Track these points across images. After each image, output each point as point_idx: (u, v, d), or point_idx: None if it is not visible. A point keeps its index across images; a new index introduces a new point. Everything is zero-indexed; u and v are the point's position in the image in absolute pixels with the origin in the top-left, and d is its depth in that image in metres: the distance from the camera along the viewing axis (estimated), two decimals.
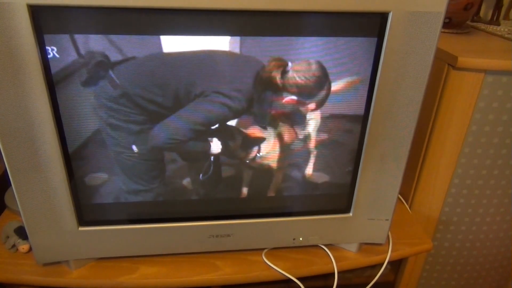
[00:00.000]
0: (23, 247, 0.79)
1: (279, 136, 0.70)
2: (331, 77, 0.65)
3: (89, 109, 0.63)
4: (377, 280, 0.88)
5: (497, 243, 1.07)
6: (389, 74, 0.65)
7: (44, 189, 0.67)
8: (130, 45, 0.59)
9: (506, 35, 1.01)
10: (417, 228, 0.93)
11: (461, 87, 0.84)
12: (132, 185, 0.71)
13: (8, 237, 0.80)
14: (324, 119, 0.69)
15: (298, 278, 0.80)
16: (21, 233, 0.79)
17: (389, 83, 0.66)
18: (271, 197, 0.77)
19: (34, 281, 0.76)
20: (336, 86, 0.66)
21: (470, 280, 1.13)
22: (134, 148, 0.67)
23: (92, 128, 0.65)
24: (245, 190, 0.75)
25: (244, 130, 0.69)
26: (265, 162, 0.72)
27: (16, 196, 0.67)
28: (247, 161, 0.72)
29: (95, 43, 0.58)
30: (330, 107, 0.68)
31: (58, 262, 0.78)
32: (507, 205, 1.01)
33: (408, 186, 1.01)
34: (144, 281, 0.77)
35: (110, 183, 0.70)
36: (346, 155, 0.74)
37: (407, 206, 1.01)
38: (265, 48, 0.62)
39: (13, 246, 0.79)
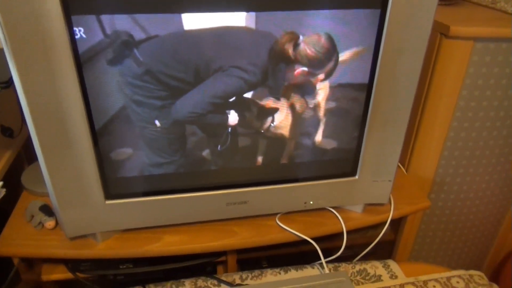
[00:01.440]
0: (50, 223, 0.82)
1: (291, 107, 0.75)
2: (338, 48, 0.70)
3: (114, 86, 0.66)
4: (379, 239, 0.96)
5: (486, 201, 1.16)
6: (392, 43, 0.70)
7: (74, 165, 0.70)
8: (154, 24, 0.62)
9: (490, 5, 1.07)
10: (414, 189, 1.00)
11: (453, 55, 0.90)
12: (155, 158, 0.75)
13: (33, 216, 0.83)
14: (333, 89, 0.74)
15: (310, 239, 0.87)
16: (46, 210, 0.83)
17: (392, 52, 0.71)
18: (283, 164, 0.82)
19: (65, 254, 0.80)
20: (343, 56, 0.71)
21: (461, 236, 1.22)
22: (157, 122, 0.71)
23: (117, 105, 0.68)
24: (260, 159, 0.80)
25: (259, 102, 0.73)
26: (279, 131, 0.77)
27: (45, 174, 0.70)
28: (262, 131, 0.77)
29: (120, 22, 0.61)
30: (338, 77, 0.73)
31: (84, 236, 0.82)
32: (495, 164, 1.09)
33: (404, 151, 1.08)
34: (168, 248, 0.82)
35: (134, 157, 0.74)
36: (353, 122, 0.79)
37: (403, 169, 1.09)
38: (279, 22, 0.66)
39: (39, 223, 0.83)
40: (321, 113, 0.77)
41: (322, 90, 0.74)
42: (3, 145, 0.97)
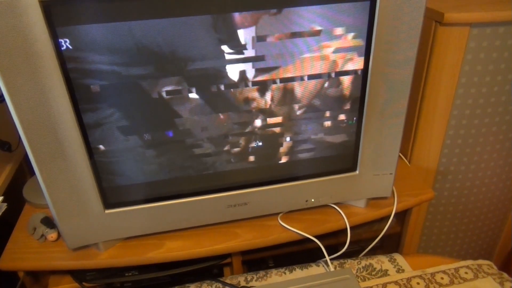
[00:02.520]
0: (52, 235, 0.83)
1: (285, 102, 0.74)
2: (332, 38, 0.69)
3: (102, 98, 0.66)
4: (384, 232, 0.95)
5: (493, 187, 1.14)
6: (384, 34, 0.69)
7: (70, 177, 0.70)
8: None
9: None
10: (418, 180, 0.99)
11: (449, 42, 0.88)
12: (148, 167, 0.74)
13: (35, 228, 0.84)
14: (326, 81, 0.73)
15: (314, 237, 0.86)
16: (48, 222, 0.83)
17: (384, 43, 0.70)
18: (282, 163, 0.81)
19: (68, 265, 0.80)
20: (336, 45, 0.70)
21: (469, 224, 1.20)
22: (147, 136, 0.71)
23: (108, 116, 0.68)
24: (257, 159, 0.79)
25: (250, 97, 0.72)
26: (273, 129, 0.76)
27: (43, 187, 0.70)
28: (256, 130, 0.76)
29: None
30: (331, 69, 0.72)
31: (87, 246, 0.82)
32: (499, 150, 1.07)
33: (406, 143, 1.07)
34: (171, 254, 0.82)
35: (129, 166, 0.74)
36: (349, 115, 0.78)
37: (406, 161, 1.07)
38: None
39: (42, 236, 0.83)
40: (316, 108, 0.76)
41: (317, 82, 0.73)
42: (2, 159, 0.97)
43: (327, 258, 0.86)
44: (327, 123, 0.78)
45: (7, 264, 0.79)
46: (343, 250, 0.88)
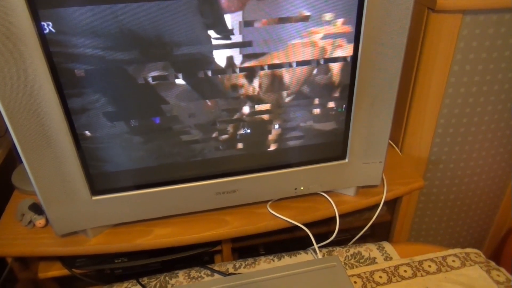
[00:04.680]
0: (40, 222, 0.82)
1: (273, 89, 0.73)
2: (321, 24, 0.68)
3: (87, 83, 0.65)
4: (375, 221, 0.95)
5: (484, 177, 1.14)
6: (373, 19, 0.68)
7: (56, 164, 0.70)
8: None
9: None
10: (408, 169, 0.99)
11: (442, 30, 0.88)
12: (136, 153, 0.74)
13: (23, 214, 0.83)
14: (315, 68, 0.72)
15: (303, 225, 0.86)
16: (36, 209, 0.83)
17: (374, 28, 0.69)
18: (270, 151, 0.81)
19: (56, 251, 0.80)
20: (325, 31, 0.69)
21: (460, 214, 1.21)
22: (133, 122, 0.70)
23: (92, 99, 0.67)
24: (246, 147, 0.79)
25: (238, 83, 0.72)
26: (262, 116, 0.76)
27: (29, 173, 0.70)
28: (244, 117, 0.75)
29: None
30: (321, 55, 0.71)
31: (75, 233, 0.82)
32: (491, 140, 1.07)
33: (398, 131, 1.06)
34: (159, 240, 0.82)
35: (116, 152, 0.73)
36: (339, 103, 0.77)
37: (398, 150, 1.07)
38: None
39: (30, 222, 0.83)
40: (305, 96, 0.75)
41: (304, 68, 0.73)
42: None
43: (315, 245, 0.86)
44: (316, 111, 0.77)
45: None
46: (332, 238, 0.88)
